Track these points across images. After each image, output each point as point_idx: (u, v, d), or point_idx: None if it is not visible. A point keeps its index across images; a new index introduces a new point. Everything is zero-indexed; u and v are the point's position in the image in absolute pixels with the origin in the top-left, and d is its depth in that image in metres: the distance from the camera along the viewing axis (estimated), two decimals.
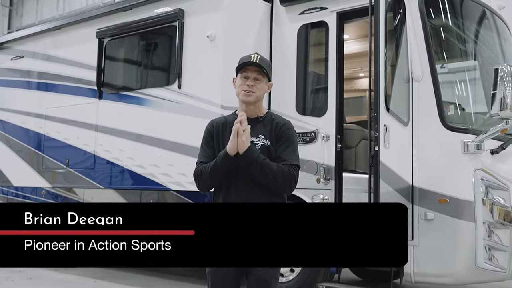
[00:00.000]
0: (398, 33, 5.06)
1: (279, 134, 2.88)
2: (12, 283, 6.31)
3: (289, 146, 2.87)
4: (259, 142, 2.85)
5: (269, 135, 2.88)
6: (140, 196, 6.69)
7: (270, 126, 2.91)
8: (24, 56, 8.44)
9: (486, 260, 4.63)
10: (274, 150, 2.85)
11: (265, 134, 2.88)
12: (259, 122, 2.93)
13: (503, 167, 4.97)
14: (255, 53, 2.94)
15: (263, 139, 2.87)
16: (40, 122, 7.94)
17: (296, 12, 5.81)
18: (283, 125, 2.92)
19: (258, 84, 2.89)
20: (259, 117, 2.94)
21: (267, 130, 2.90)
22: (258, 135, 2.87)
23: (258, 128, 2.88)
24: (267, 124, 2.93)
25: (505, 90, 4.36)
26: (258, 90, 2.89)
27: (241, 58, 2.97)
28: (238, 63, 2.97)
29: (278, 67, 5.83)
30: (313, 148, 5.44)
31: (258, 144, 2.85)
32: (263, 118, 2.95)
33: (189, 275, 7.28)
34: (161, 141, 6.27)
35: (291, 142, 2.89)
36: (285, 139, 2.88)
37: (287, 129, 2.92)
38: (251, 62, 2.87)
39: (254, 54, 2.91)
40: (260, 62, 2.88)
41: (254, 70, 2.89)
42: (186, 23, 6.20)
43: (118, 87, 7.01)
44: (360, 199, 5.41)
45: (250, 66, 2.89)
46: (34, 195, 8.09)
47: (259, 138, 2.87)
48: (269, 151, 2.84)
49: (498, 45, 5.77)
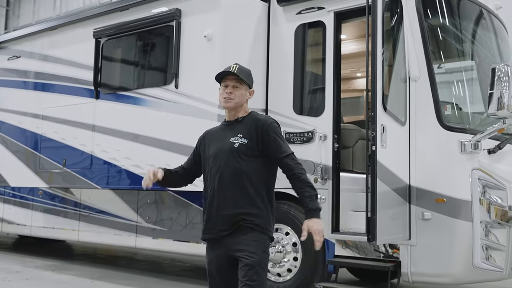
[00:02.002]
0: (395, 33, 5.06)
1: (263, 131, 3.05)
2: (9, 283, 6.29)
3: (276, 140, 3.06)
4: (237, 141, 3.05)
5: (247, 133, 3.06)
6: (137, 196, 6.68)
7: (249, 125, 3.09)
8: (21, 56, 8.42)
9: (483, 260, 4.63)
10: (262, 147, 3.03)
11: (243, 132, 3.07)
12: (239, 122, 3.13)
13: (500, 167, 4.97)
14: (235, 64, 3.16)
15: (241, 138, 3.05)
16: (37, 122, 7.92)
17: (293, 12, 5.81)
18: (263, 123, 3.09)
19: (236, 91, 3.11)
20: (239, 118, 3.14)
21: (246, 129, 3.08)
22: (237, 135, 3.07)
23: (237, 128, 3.11)
24: (247, 122, 3.12)
25: (502, 90, 4.36)
26: (237, 97, 3.11)
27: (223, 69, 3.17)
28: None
29: (276, 67, 5.84)
30: (310, 148, 5.44)
31: (237, 143, 3.05)
32: (243, 118, 3.14)
33: (188, 276, 7.28)
34: (158, 141, 6.26)
35: (277, 135, 3.07)
36: (272, 135, 3.06)
37: (268, 125, 3.09)
38: (229, 72, 3.11)
39: (233, 65, 3.15)
40: (238, 71, 3.11)
41: (233, 79, 3.12)
42: (183, 23, 6.20)
43: (115, 87, 7.00)
44: (357, 199, 5.42)
45: (229, 76, 3.11)
46: (31, 195, 8.08)
47: (237, 137, 3.06)
48: (247, 148, 3.03)
49: (495, 45, 5.78)
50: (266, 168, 3.08)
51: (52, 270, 7.29)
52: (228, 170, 3.01)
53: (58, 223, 7.61)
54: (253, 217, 2.98)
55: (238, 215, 2.98)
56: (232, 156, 3.02)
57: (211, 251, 3.09)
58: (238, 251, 2.95)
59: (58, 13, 18.74)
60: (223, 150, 3.05)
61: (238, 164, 3.00)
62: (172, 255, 8.95)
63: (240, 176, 3.00)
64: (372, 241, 4.44)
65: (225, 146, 3.06)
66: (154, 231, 6.44)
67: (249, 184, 3.00)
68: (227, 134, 3.11)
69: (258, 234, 2.98)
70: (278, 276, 5.44)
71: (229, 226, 2.98)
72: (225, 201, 3.01)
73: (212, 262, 3.08)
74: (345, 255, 5.27)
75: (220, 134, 3.17)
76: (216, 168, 3.05)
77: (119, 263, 8.45)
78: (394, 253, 4.97)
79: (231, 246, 2.99)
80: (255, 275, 2.91)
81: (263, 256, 3.00)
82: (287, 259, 5.43)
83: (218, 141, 3.13)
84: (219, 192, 3.02)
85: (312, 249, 5.27)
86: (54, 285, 6.34)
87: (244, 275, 2.90)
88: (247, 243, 2.95)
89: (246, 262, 2.91)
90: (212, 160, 3.09)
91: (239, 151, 3.02)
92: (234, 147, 3.03)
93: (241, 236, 2.97)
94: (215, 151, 3.10)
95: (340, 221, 5.27)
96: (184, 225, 6.19)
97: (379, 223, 4.34)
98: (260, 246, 2.97)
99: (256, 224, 2.98)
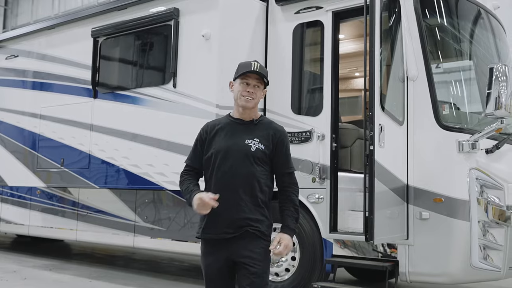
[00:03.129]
0: (393, 33, 5.07)
1: (278, 142, 3.05)
2: (6, 283, 6.28)
3: (287, 154, 3.09)
4: (254, 145, 2.99)
5: (265, 140, 3.02)
6: (135, 196, 6.68)
7: (266, 131, 3.05)
8: (19, 55, 8.42)
9: (481, 259, 4.64)
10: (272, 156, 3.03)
11: (261, 138, 3.02)
12: (255, 125, 3.07)
13: (498, 167, 4.98)
14: (255, 61, 3.07)
15: (259, 143, 3.00)
16: (35, 121, 7.92)
17: (292, 11, 5.81)
18: (281, 133, 3.09)
19: (257, 91, 3.05)
20: (254, 120, 3.09)
21: (263, 135, 3.03)
22: (254, 138, 3.01)
23: (253, 131, 3.04)
24: (262, 128, 3.06)
25: (500, 90, 4.37)
26: (258, 97, 3.06)
27: (242, 64, 3.08)
28: (238, 68, 3.08)
29: (274, 66, 5.83)
30: (308, 147, 5.45)
31: (253, 146, 2.98)
32: (258, 122, 3.09)
33: (186, 276, 7.27)
34: (156, 141, 6.26)
35: (288, 149, 3.10)
36: (285, 148, 3.07)
37: (284, 137, 3.09)
38: (253, 71, 3.01)
39: (254, 62, 3.05)
40: (260, 70, 3.03)
41: (255, 78, 3.03)
42: (181, 22, 6.20)
43: (113, 87, 6.99)
44: (355, 198, 5.42)
45: (251, 74, 3.02)
46: (29, 195, 8.06)
47: (254, 141, 3.00)
48: (263, 154, 2.99)
49: (493, 44, 5.78)
50: (271, 176, 3.08)
51: (50, 269, 7.28)
52: (241, 172, 2.93)
53: (56, 222, 7.61)
54: (259, 223, 2.95)
55: (245, 220, 2.93)
56: (247, 158, 2.95)
57: (210, 252, 3.01)
58: (243, 257, 2.91)
59: (56, 12, 18.72)
60: (237, 150, 2.96)
61: (253, 168, 2.95)
62: (170, 255, 8.95)
63: (253, 180, 2.95)
64: (370, 241, 4.44)
65: (239, 147, 2.97)
66: (152, 231, 6.43)
67: (259, 190, 2.97)
68: (240, 134, 3.01)
69: (263, 241, 2.96)
70: (276, 275, 5.44)
71: (234, 229, 2.92)
72: (233, 203, 2.93)
73: (211, 264, 3.00)
74: (343, 255, 5.27)
75: (231, 131, 3.04)
76: (227, 166, 2.96)
77: (117, 263, 8.44)
78: (392, 253, 4.97)
79: (235, 250, 2.93)
80: (262, 283, 2.92)
81: (267, 263, 3.00)
82: (285, 258, 5.43)
83: (229, 138, 3.02)
84: (227, 193, 2.92)
85: (310, 249, 5.28)
86: (52, 285, 6.33)
87: (251, 283, 2.89)
88: (253, 250, 2.92)
89: (253, 271, 2.89)
90: (221, 156, 2.98)
91: (255, 155, 2.96)
92: (251, 150, 2.96)
93: (246, 242, 2.92)
94: (225, 147, 2.99)
95: (338, 220, 5.28)
96: (182, 225, 6.19)
97: (377, 223, 4.34)
98: (265, 254, 2.96)
99: (261, 231, 2.96)
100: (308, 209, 5.35)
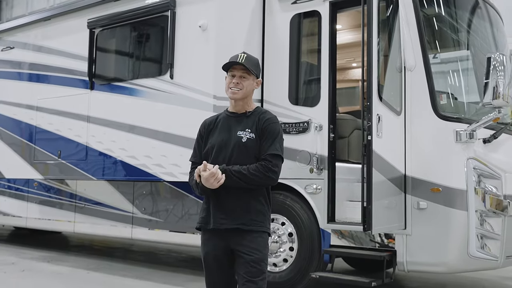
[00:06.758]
0: (391, 23, 5.05)
1: (263, 129, 3.03)
2: (4, 275, 6.28)
3: (271, 139, 3.01)
4: (245, 135, 3.02)
5: (255, 129, 3.03)
6: (133, 187, 6.67)
7: (256, 120, 3.06)
8: (15, 47, 8.38)
9: (478, 249, 4.65)
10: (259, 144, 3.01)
11: (251, 128, 3.04)
12: (247, 117, 3.09)
13: (495, 156, 4.98)
14: (243, 52, 3.09)
15: (249, 132, 3.02)
16: (32, 113, 7.90)
17: (289, 1, 5.77)
18: (267, 119, 3.07)
19: (244, 82, 3.05)
20: (247, 112, 3.10)
21: (254, 124, 3.05)
22: (245, 129, 3.03)
23: (245, 122, 3.07)
24: (254, 118, 3.08)
25: (498, 79, 4.36)
26: (245, 87, 3.05)
27: (230, 58, 3.09)
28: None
29: (271, 57, 5.81)
30: (306, 138, 5.44)
31: (245, 137, 3.01)
32: (251, 113, 3.10)
33: (184, 267, 7.29)
34: (153, 132, 6.25)
35: (275, 136, 3.03)
36: (268, 134, 3.02)
37: (270, 123, 3.06)
38: (236, 62, 3.03)
39: (241, 54, 3.07)
40: (246, 61, 3.04)
41: (240, 69, 3.05)
42: (178, 13, 6.17)
43: (110, 78, 6.97)
44: (353, 188, 5.43)
45: (236, 65, 3.04)
46: (26, 187, 8.05)
47: (245, 132, 3.02)
48: (254, 143, 3.00)
49: (491, 34, 5.77)
50: None
51: (48, 261, 7.28)
52: (236, 163, 2.95)
53: (53, 214, 7.60)
54: (256, 213, 2.99)
55: (243, 210, 2.97)
56: (239, 150, 2.98)
57: (209, 242, 3.05)
58: (241, 246, 2.94)
59: (52, 3, 18.61)
60: (231, 143, 3.01)
61: (247, 159, 2.97)
62: (168, 246, 8.96)
63: None
64: (368, 231, 4.45)
65: (232, 139, 3.02)
66: (150, 222, 6.43)
67: None
68: (234, 127, 3.06)
69: (260, 231, 2.99)
70: (274, 266, 5.45)
71: (233, 220, 2.96)
72: (231, 194, 2.97)
73: (210, 253, 3.04)
74: (341, 245, 5.28)
75: (226, 124, 3.09)
76: (222, 159, 3.00)
77: (115, 254, 8.45)
78: (389, 243, 4.98)
79: (233, 240, 2.97)
80: (259, 271, 2.93)
81: (265, 252, 3.02)
82: (283, 249, 5.44)
83: (224, 132, 3.07)
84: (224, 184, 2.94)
85: (308, 239, 5.29)
86: (50, 276, 6.33)
87: (248, 272, 2.91)
88: (251, 239, 2.95)
89: (250, 259, 2.92)
90: (216, 149, 3.04)
91: (247, 145, 2.99)
92: (242, 141, 2.99)
93: (244, 232, 2.96)
94: (219, 141, 3.05)
95: (335, 211, 5.28)
96: (180, 216, 6.19)
97: (375, 213, 4.35)
98: (263, 243, 2.99)
99: (260, 221, 2.99)
100: (306, 199, 5.36)
